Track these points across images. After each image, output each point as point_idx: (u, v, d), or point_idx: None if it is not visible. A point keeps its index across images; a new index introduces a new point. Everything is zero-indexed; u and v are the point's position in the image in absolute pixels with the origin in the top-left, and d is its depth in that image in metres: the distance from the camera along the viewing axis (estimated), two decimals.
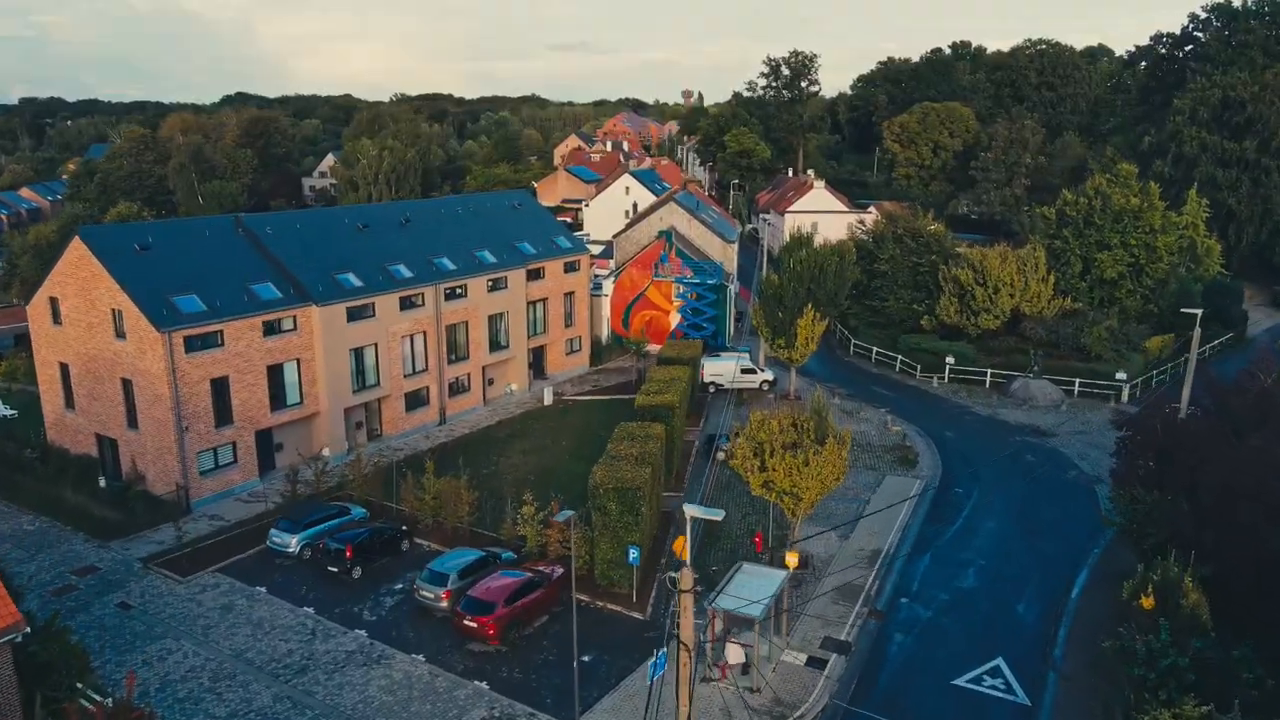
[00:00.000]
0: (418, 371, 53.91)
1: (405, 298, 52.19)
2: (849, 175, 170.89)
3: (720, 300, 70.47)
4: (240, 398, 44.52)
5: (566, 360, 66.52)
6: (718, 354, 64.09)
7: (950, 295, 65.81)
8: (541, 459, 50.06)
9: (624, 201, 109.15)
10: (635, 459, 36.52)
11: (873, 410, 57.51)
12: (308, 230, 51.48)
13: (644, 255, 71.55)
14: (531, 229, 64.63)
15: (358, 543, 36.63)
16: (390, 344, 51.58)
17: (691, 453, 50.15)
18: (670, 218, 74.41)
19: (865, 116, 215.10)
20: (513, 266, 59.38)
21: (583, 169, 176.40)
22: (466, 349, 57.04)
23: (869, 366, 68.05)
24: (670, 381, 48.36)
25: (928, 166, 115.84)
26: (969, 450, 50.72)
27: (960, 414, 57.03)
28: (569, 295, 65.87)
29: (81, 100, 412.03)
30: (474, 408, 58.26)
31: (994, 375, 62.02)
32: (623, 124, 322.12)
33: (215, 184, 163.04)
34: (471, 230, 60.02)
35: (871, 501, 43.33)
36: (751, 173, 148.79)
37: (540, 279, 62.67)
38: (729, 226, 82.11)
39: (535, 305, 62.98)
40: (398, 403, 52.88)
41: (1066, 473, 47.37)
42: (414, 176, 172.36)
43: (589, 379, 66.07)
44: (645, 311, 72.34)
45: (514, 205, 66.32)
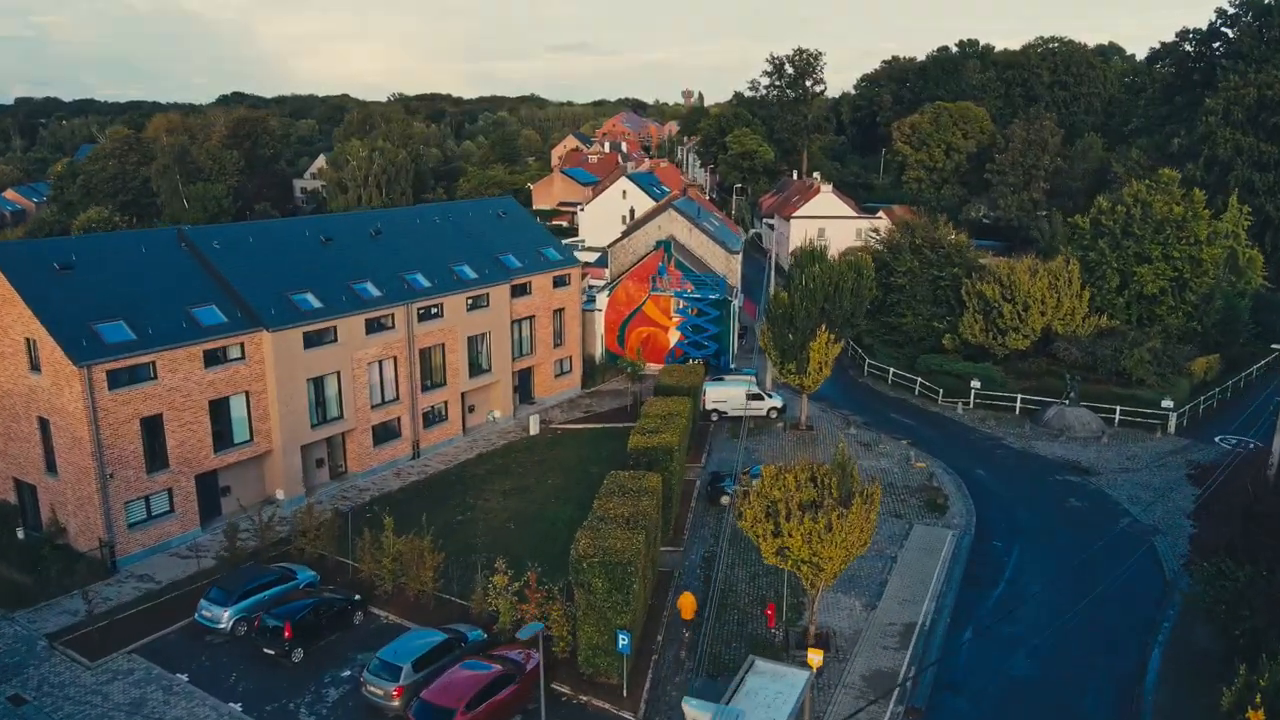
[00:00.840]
0: (387, 401, 48.37)
1: (373, 319, 46.64)
2: (854, 177, 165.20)
3: (723, 317, 64.91)
4: (177, 438, 38.95)
5: (556, 383, 60.97)
6: (721, 378, 58.53)
7: (975, 312, 60.28)
8: (524, 502, 44.49)
9: (621, 206, 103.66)
10: (626, 521, 30.94)
11: (893, 442, 51.94)
12: (262, 245, 45.91)
13: (641, 267, 66.00)
14: (517, 240, 59.07)
15: (300, 619, 31.05)
16: (355, 371, 46.03)
17: (693, 496, 44.56)
18: (669, 226, 68.86)
19: (869, 116, 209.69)
20: (495, 282, 53.83)
21: (580, 171, 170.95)
22: (443, 374, 51.50)
23: (885, 389, 62.47)
24: (668, 417, 42.78)
25: (940, 169, 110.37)
26: (1004, 492, 45.14)
27: (990, 447, 51.44)
28: (558, 312, 60.32)
29: (78, 100, 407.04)
30: (452, 438, 52.68)
31: (1025, 401, 56.44)
32: (622, 124, 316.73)
33: (199, 186, 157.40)
34: (450, 243, 54.45)
35: (900, 559, 37.75)
36: (754, 175, 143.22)
37: (526, 295, 57.12)
38: (732, 235, 76.55)
39: (521, 324, 57.43)
40: (364, 436, 47.31)
41: (1118, 521, 41.79)
42: (405, 179, 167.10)
43: (581, 403, 60.50)
44: (642, 328, 66.79)
45: (498, 214, 60.75)
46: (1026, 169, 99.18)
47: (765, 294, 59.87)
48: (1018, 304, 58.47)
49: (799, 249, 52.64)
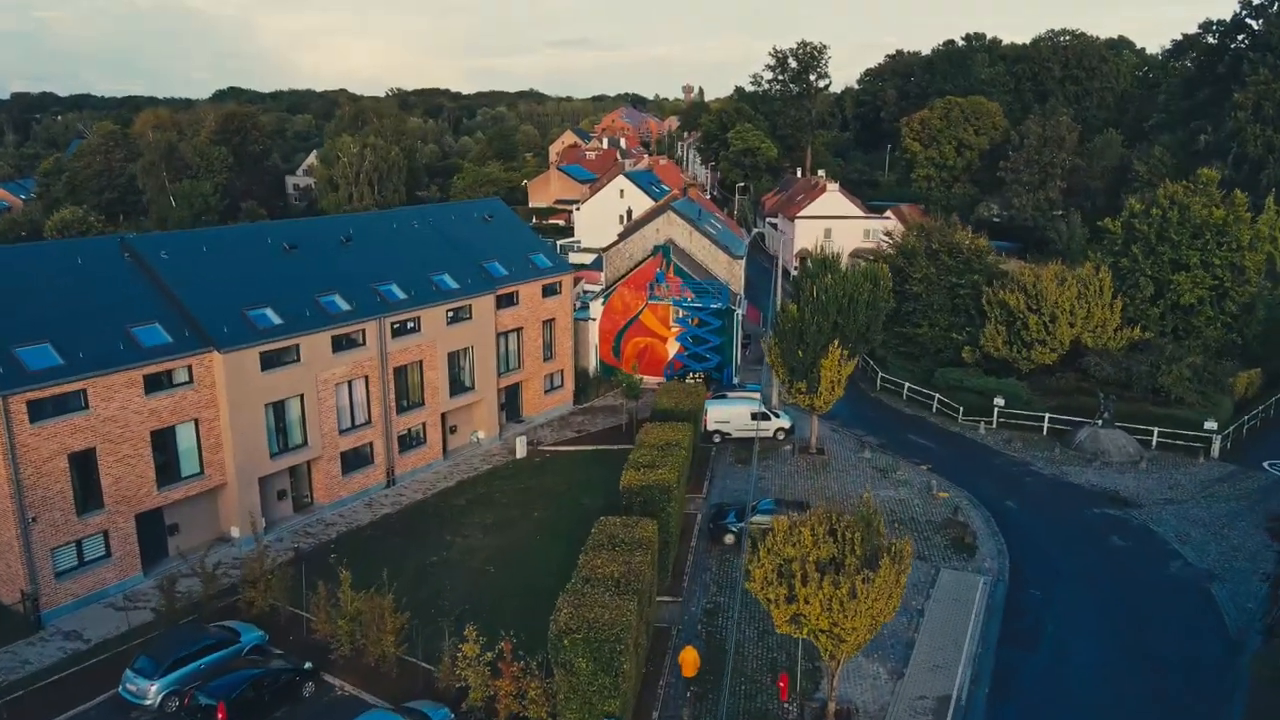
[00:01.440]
0: (358, 425, 44.04)
1: (341, 336, 42.28)
2: (858, 174, 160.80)
3: (726, 327, 60.54)
4: (113, 474, 34.62)
5: (546, 399, 56.63)
6: (724, 394, 54.20)
7: (997, 323, 55.93)
8: (506, 539, 40.17)
9: (618, 205, 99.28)
10: (616, 584, 26.62)
11: (911, 468, 47.61)
12: (217, 254, 41.52)
13: (637, 274, 61.62)
14: (504, 245, 54.69)
15: (237, 696, 26.76)
16: (321, 394, 41.68)
17: (693, 533, 40.19)
18: (668, 229, 64.46)
19: (873, 112, 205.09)
20: (479, 292, 49.47)
21: (577, 168, 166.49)
22: (421, 394, 47.17)
23: (900, 405, 58.10)
24: (666, 448, 38.42)
25: (950, 167, 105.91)
26: (1038, 528, 40.80)
27: (1018, 473, 47.08)
28: (548, 323, 55.96)
29: (74, 94, 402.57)
30: (431, 463, 48.35)
31: (1053, 421, 52.09)
32: (621, 119, 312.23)
33: (186, 184, 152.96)
34: (429, 249, 50.06)
35: (927, 613, 33.43)
36: (757, 172, 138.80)
37: (513, 305, 52.76)
38: (735, 239, 72.14)
39: (507, 337, 53.10)
40: (332, 465, 42.98)
41: (1168, 564, 37.45)
42: (398, 176, 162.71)
43: (573, 421, 56.16)
44: (639, 339, 62.43)
45: (484, 217, 56.34)
46: (1042, 167, 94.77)
47: (772, 301, 55.52)
48: (1044, 315, 54.11)
49: (809, 255, 48.22)
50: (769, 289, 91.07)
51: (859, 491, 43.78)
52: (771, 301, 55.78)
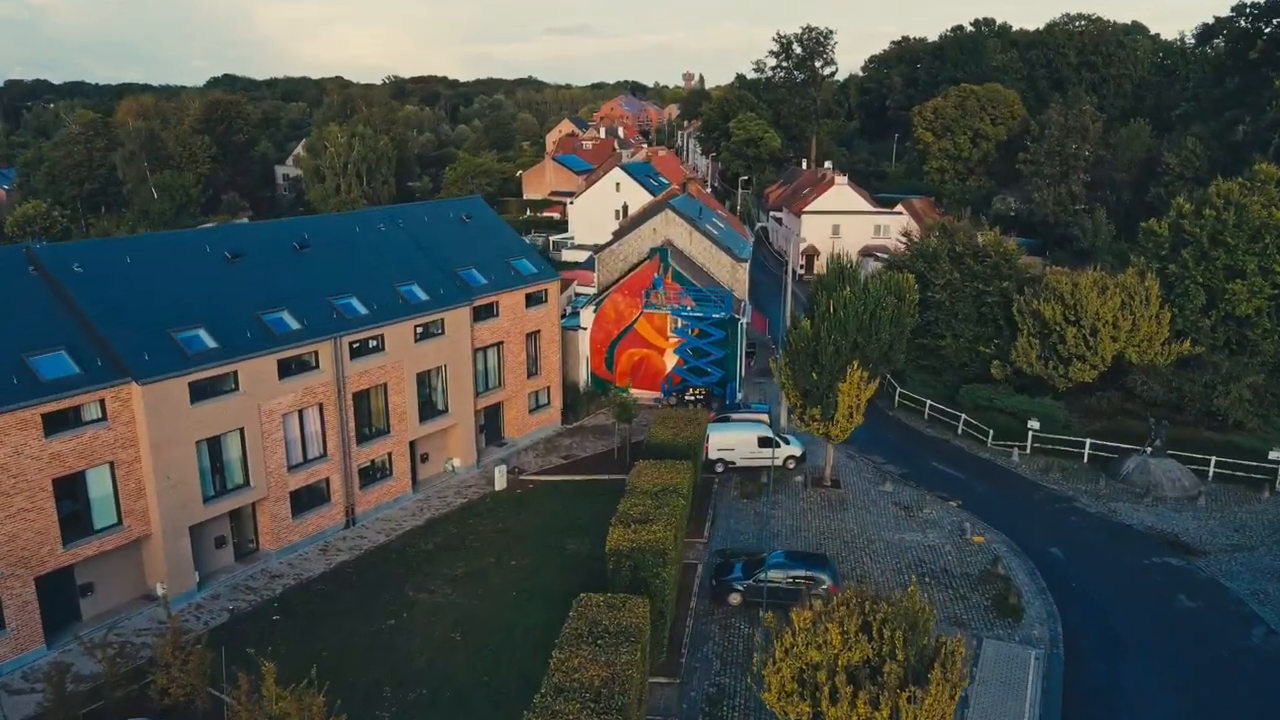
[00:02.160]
0: (311, 460, 38.62)
1: (290, 359, 36.82)
2: (864, 165, 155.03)
3: (729, 338, 55.08)
4: (5, 532, 29.24)
5: (531, 419, 51.22)
6: (727, 417, 48.81)
7: (1030, 336, 50.48)
8: (477, 595, 34.80)
9: (614, 200, 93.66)
10: (596, 698, 21.20)
11: (939, 504, 42.23)
12: (144, 266, 35.99)
13: (632, 279, 56.12)
14: (483, 250, 49.16)
15: None
16: (266, 426, 36.24)
17: (693, 589, 34.76)
18: (666, 229, 58.92)
19: (878, 100, 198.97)
20: (453, 304, 43.99)
21: (573, 158, 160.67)
22: (385, 421, 41.75)
23: (921, 426, 52.66)
24: (662, 495, 32.98)
25: (965, 158, 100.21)
26: (1091, 584, 35.41)
27: (1061, 512, 41.67)
28: (533, 336, 50.50)
29: (68, 82, 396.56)
30: (399, 498, 42.96)
31: (1095, 447, 46.67)
32: (620, 107, 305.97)
33: (165, 175, 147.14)
34: (397, 256, 44.54)
35: (973, 702, 28.03)
36: (759, 163, 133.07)
37: (492, 318, 47.31)
38: (738, 239, 66.55)
39: (485, 353, 47.67)
40: (280, 506, 37.56)
41: (1248, 631, 32.10)
42: (388, 166, 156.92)
43: (560, 444, 50.74)
44: (634, 350, 57.00)
45: (461, 218, 50.77)
46: (1064, 159, 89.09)
47: (783, 314, 50.07)
48: (1084, 327, 48.63)
49: (815, 255, 42.64)
50: (775, 290, 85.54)
51: (881, 534, 38.54)
52: (783, 314, 50.29)
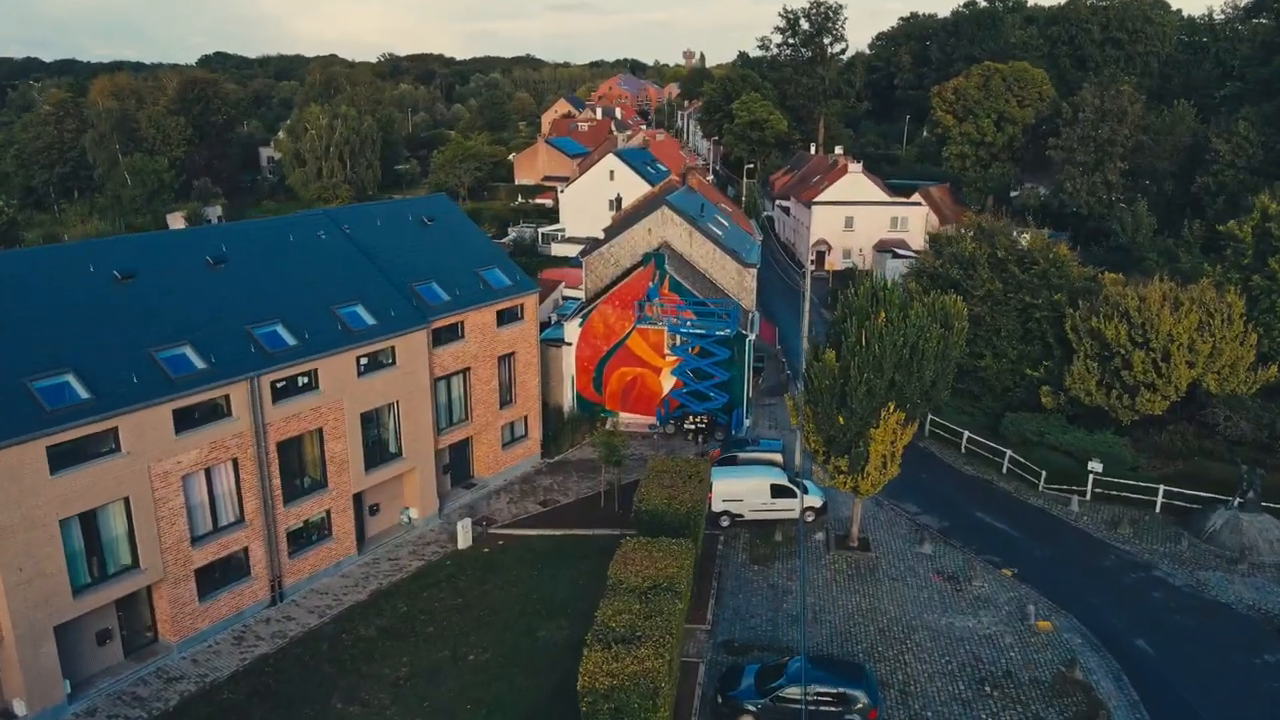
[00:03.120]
0: (223, 528, 31.42)
1: (190, 408, 29.55)
2: (873, 149, 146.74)
3: (736, 357, 47.77)
4: None
5: (505, 455, 44.02)
6: (734, 456, 41.59)
7: (1087, 358, 43.13)
8: (421, 710, 27.66)
9: (608, 189, 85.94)
10: None
11: (990, 572, 35.01)
12: (2, 293, 28.60)
13: (623, 288, 48.77)
14: (447, 259, 41.77)
15: None
16: (160, 492, 29.01)
17: (691, 709, 27.48)
18: (663, 230, 51.44)
19: (886, 79, 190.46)
20: (407, 328, 36.66)
21: (567, 141, 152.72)
22: (321, 472, 34.53)
23: (958, 461, 45.38)
24: (652, 597, 25.71)
25: (989, 144, 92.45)
26: (1194, 694, 28.21)
27: (1140, 584, 34.40)
28: (506, 360, 43.21)
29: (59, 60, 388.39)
30: (340, 562, 35.78)
31: (1169, 495, 39.42)
32: (619, 86, 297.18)
33: (138, 158, 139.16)
34: (339, 270, 37.13)
35: None
36: (764, 147, 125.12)
37: (457, 340, 40.00)
38: (746, 239, 59.02)
39: (449, 382, 40.41)
40: (183, 587, 30.38)
41: None
42: (372, 149, 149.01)
43: (539, 485, 43.53)
44: (626, 369, 49.72)
45: (422, 221, 43.28)
46: (1100, 145, 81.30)
47: (802, 335, 42.91)
48: (1154, 350, 41.27)
49: (855, 281, 35.17)
50: (782, 291, 78.07)
51: (924, 617, 31.42)
52: (801, 337, 42.95)
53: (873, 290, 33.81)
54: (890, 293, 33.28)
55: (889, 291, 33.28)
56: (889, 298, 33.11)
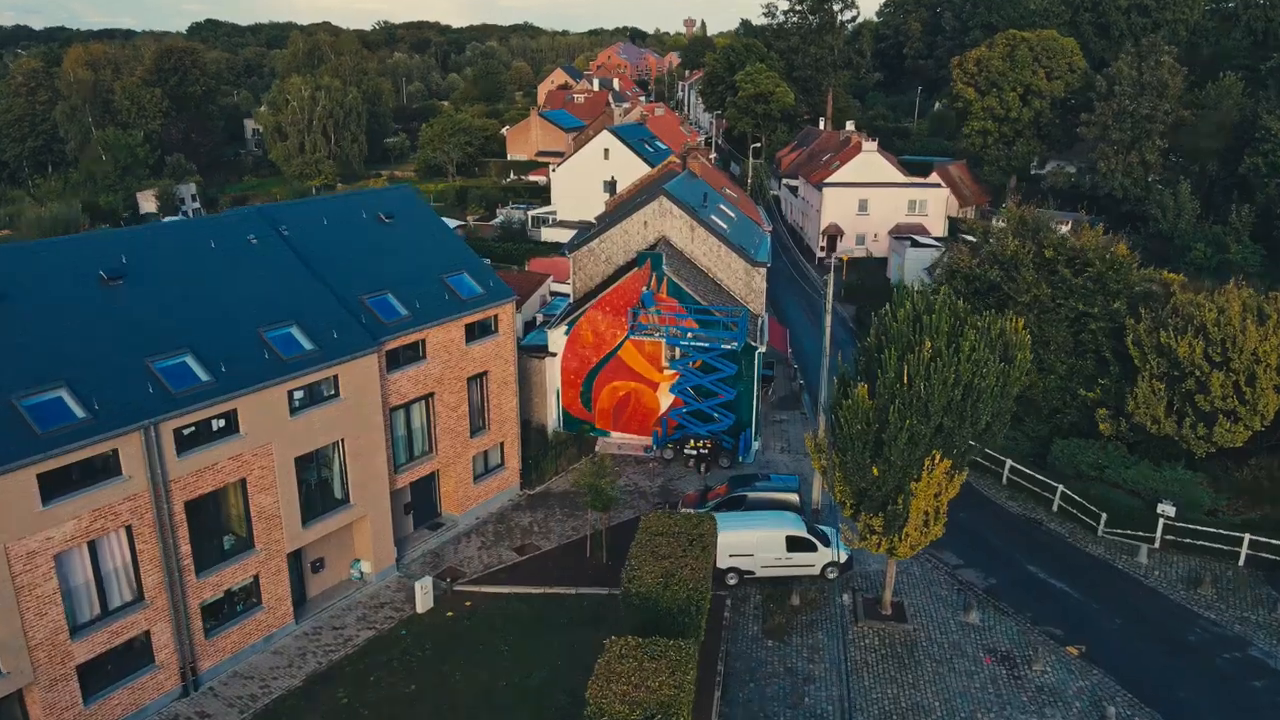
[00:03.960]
0: (115, 611, 25.52)
1: (63, 469, 23.51)
2: (883, 122, 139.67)
3: (744, 372, 41.67)
4: None
5: (477, 489, 38.07)
6: (741, 496, 35.61)
7: (1153, 378, 37.04)
8: None
9: (601, 169, 79.35)
10: None
11: (1053, 650, 29.12)
12: None
13: (614, 292, 42.61)
14: (407, 264, 35.56)
15: None
16: (25, 577, 23.07)
17: None
18: (660, 223, 45.16)
19: (895, 48, 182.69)
20: (353, 352, 30.53)
21: (562, 114, 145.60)
22: (246, 531, 28.58)
23: (1000, 495, 39.36)
24: None
25: (1014, 119, 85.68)
26: None
27: (1235, 666, 28.52)
28: (478, 380, 37.14)
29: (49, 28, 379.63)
30: (273, 634, 29.91)
31: (1256, 545, 33.46)
32: (618, 55, 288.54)
33: (110, 132, 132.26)
34: (272, 283, 30.93)
35: None
36: (770, 122, 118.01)
37: (418, 362, 33.93)
38: (754, 231, 52.65)
39: (409, 410, 34.38)
40: (63, 688, 24.50)
41: None
42: (357, 122, 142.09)
43: (517, 524, 37.61)
44: (618, 383, 43.70)
45: (379, 218, 36.97)
46: (1138, 121, 74.66)
47: (824, 358, 36.98)
48: (1236, 372, 35.16)
49: (897, 298, 28.92)
50: (791, 283, 71.83)
51: (977, 718, 25.47)
52: (823, 365, 36.88)
53: (914, 311, 27.62)
54: (937, 317, 27.08)
55: (936, 315, 27.07)
56: (936, 323, 26.92)
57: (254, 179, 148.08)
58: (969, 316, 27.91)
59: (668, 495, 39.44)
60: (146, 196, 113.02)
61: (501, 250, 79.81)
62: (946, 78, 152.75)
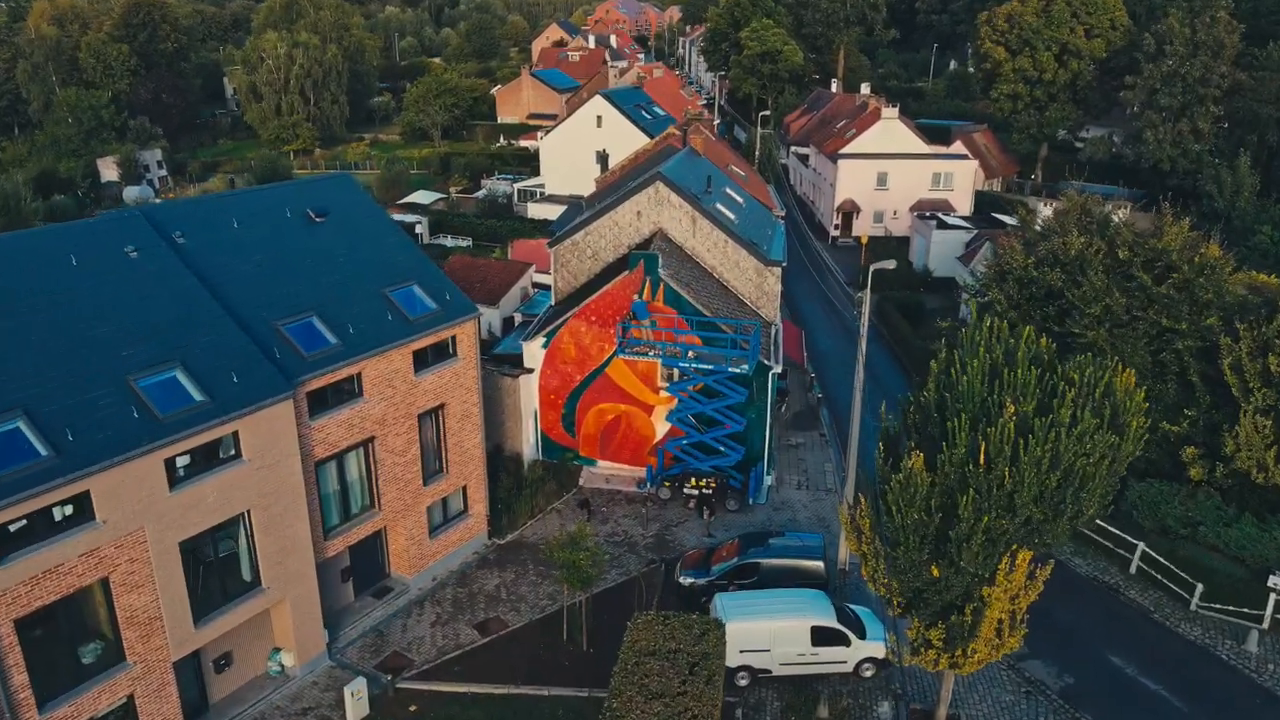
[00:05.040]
0: None
1: None
2: (895, 82, 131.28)
3: (756, 396, 34.87)
4: None
5: (434, 545, 31.49)
6: (754, 564, 29.02)
7: (1257, 414, 30.25)
8: None
9: (593, 138, 71.80)
10: None
11: None
12: None
13: (601, 298, 35.68)
14: (341, 275, 28.61)
15: None
16: None
17: None
18: (656, 213, 38.09)
19: (906, 2, 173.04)
20: (256, 401, 23.69)
21: (555, 73, 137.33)
22: (115, 639, 21.98)
23: (1062, 548, 32.67)
24: None
25: (1048, 82, 77.90)
26: None
27: None
28: (433, 415, 30.36)
29: None
30: None
31: None
32: (617, 9, 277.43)
33: (72, 92, 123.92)
34: (148, 313, 23.94)
35: None
36: (777, 82, 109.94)
37: (352, 401, 27.14)
38: (765, 219, 45.45)
39: (343, 460, 27.64)
40: None
41: None
42: (338, 82, 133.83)
43: (482, 588, 31.07)
44: (605, 405, 36.97)
45: (310, 217, 29.88)
46: (1190, 85, 67.06)
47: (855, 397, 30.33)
48: None
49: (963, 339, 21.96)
50: (803, 265, 64.72)
51: None
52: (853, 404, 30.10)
53: (990, 365, 20.72)
54: (1022, 372, 20.18)
55: (1020, 371, 20.17)
56: (1021, 382, 20.03)
57: (229, 142, 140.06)
58: (1060, 366, 21.03)
59: (664, 548, 32.90)
60: (107, 163, 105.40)
61: (484, 228, 72.71)
62: (963, 34, 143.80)
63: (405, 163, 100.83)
